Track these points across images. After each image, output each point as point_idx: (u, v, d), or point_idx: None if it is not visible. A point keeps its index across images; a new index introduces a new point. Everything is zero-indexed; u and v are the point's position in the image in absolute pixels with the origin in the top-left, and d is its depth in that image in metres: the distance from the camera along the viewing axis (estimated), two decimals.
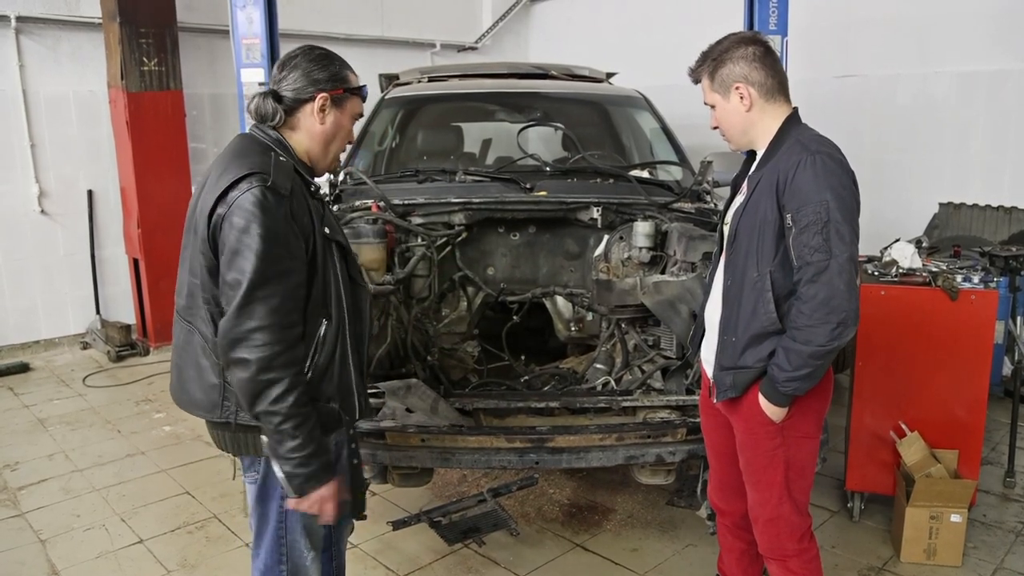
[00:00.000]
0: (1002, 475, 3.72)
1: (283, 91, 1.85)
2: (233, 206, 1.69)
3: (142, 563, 3.16)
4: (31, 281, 5.88)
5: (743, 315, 2.07)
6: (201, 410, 1.88)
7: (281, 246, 1.70)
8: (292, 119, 1.87)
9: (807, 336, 1.91)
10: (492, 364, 3.43)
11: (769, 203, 1.99)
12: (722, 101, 2.09)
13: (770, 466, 2.14)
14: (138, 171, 5.70)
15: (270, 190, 1.70)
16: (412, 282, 3.22)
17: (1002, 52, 5.22)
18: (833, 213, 1.88)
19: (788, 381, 1.97)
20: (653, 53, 7.03)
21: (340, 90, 1.88)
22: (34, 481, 3.87)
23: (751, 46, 2.05)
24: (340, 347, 1.86)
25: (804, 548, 2.21)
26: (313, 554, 1.98)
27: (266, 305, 1.68)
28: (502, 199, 3.30)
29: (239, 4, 5.01)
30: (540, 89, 4.53)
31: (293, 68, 1.86)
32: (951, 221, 5.19)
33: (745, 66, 2.03)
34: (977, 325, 3.07)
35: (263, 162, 1.75)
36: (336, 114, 1.89)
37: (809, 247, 1.89)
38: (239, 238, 1.68)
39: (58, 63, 5.79)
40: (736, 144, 2.19)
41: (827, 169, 1.92)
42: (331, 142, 1.92)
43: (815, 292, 1.89)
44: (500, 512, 3.12)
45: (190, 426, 4.50)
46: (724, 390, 2.15)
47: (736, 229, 2.10)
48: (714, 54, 2.08)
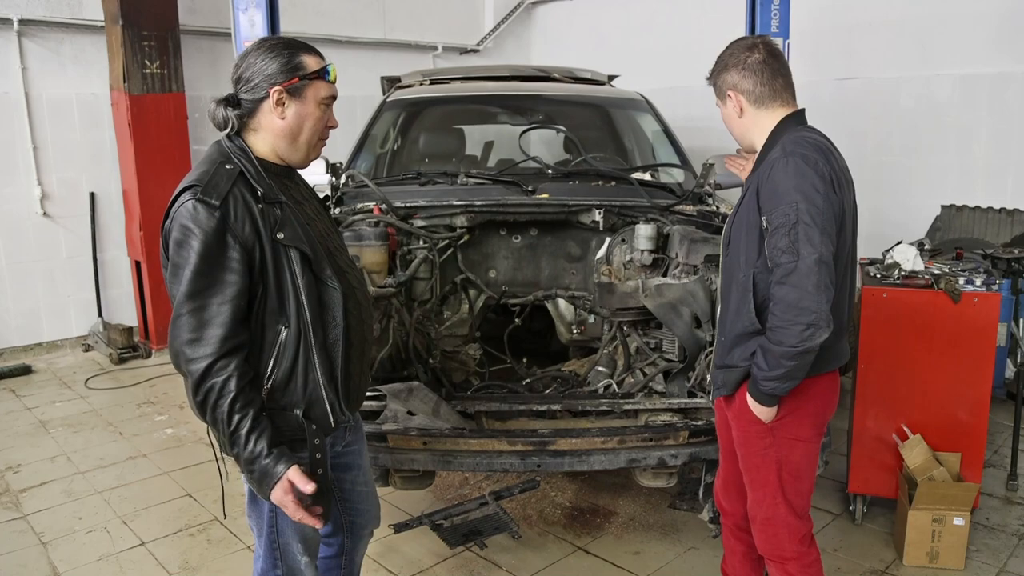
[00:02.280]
0: (1005, 478, 3.72)
1: (240, 94, 1.78)
2: (172, 220, 1.69)
3: (144, 566, 3.16)
4: (33, 283, 5.89)
5: (731, 315, 2.13)
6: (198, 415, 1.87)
7: (213, 258, 1.66)
8: (253, 120, 1.80)
9: (779, 337, 1.93)
10: (494, 367, 3.43)
11: (752, 206, 2.04)
12: (721, 106, 2.19)
13: (763, 466, 2.16)
14: (140, 174, 5.72)
15: (199, 202, 1.66)
16: (414, 285, 3.22)
17: (1004, 55, 5.22)
18: (802, 215, 1.89)
19: (766, 380, 2.00)
20: (655, 56, 7.04)
21: (295, 79, 1.77)
22: (36, 483, 3.88)
23: (748, 53, 2.08)
24: (304, 354, 1.79)
25: (803, 552, 2.20)
26: (307, 559, 1.96)
27: (196, 317, 1.66)
28: (504, 202, 3.30)
29: (241, 7, 5.03)
30: (542, 92, 4.54)
31: (246, 68, 1.78)
32: (953, 223, 5.19)
33: (736, 74, 2.09)
34: (979, 328, 3.07)
35: (204, 173, 1.72)
36: (297, 105, 1.78)
37: (778, 248, 1.92)
38: (175, 251, 1.68)
39: (61, 66, 5.80)
40: (743, 146, 2.25)
41: (798, 171, 1.93)
42: (298, 134, 1.82)
43: (784, 294, 1.91)
44: (502, 515, 3.12)
45: (192, 428, 4.50)
46: (717, 387, 2.23)
47: (730, 231, 2.17)
48: (719, 59, 2.15)
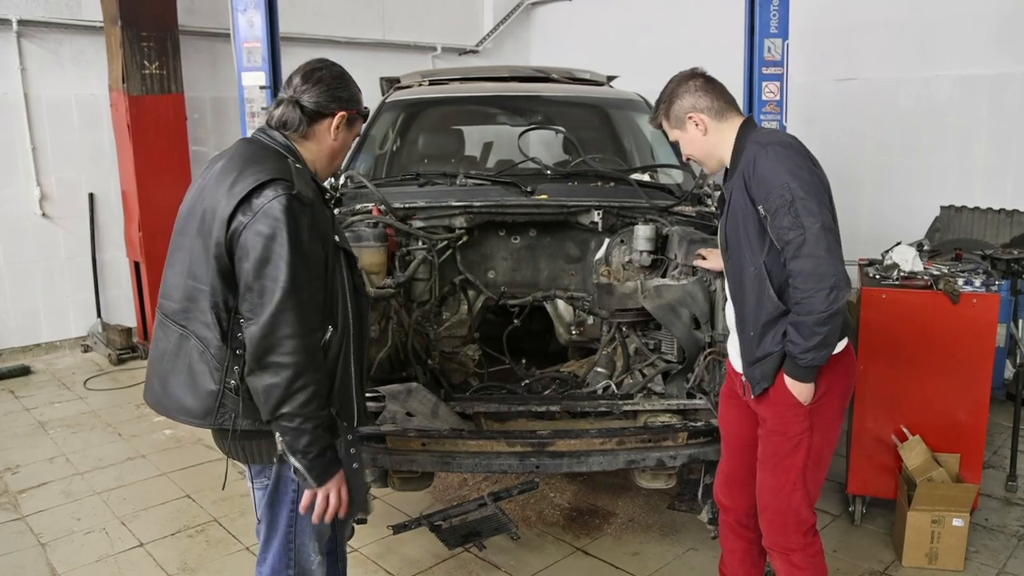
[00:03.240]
0: (1004, 479, 3.72)
1: (304, 102, 1.88)
2: (259, 213, 1.71)
3: (142, 567, 3.16)
4: (32, 284, 5.89)
5: (751, 309, 2.18)
6: (191, 416, 1.86)
7: (306, 254, 1.74)
8: (310, 130, 1.92)
9: (807, 307, 2.02)
10: (493, 368, 3.42)
11: (743, 202, 2.15)
12: (682, 134, 2.29)
13: (793, 452, 2.22)
14: (139, 174, 5.71)
15: (295, 198, 1.73)
16: (413, 286, 3.22)
17: (1004, 55, 5.22)
18: (796, 192, 2.02)
19: (804, 353, 2.06)
20: (654, 56, 7.02)
21: (355, 111, 1.96)
22: (35, 484, 3.87)
23: (692, 80, 2.26)
24: (343, 354, 1.88)
25: (808, 542, 2.27)
26: (320, 557, 2.01)
27: (297, 312, 1.72)
28: (503, 202, 3.30)
29: (240, 8, 5.02)
30: (541, 92, 4.53)
31: (318, 81, 1.90)
32: (953, 224, 5.19)
33: (691, 98, 2.24)
34: (979, 328, 3.07)
35: (283, 168, 1.78)
36: (345, 133, 1.97)
37: (783, 227, 2.04)
38: (267, 246, 1.70)
39: (60, 66, 5.80)
40: (710, 168, 2.36)
41: (780, 155, 2.08)
42: (336, 157, 2.00)
43: (801, 266, 2.02)
44: (501, 516, 3.11)
45: (191, 430, 4.49)
46: (757, 383, 2.22)
47: (726, 236, 2.27)
48: (663, 97, 2.29)
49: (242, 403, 1.80)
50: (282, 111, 1.88)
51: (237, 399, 1.81)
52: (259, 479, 1.94)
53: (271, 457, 1.86)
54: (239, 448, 1.89)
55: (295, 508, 1.91)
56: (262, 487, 1.93)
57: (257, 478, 1.95)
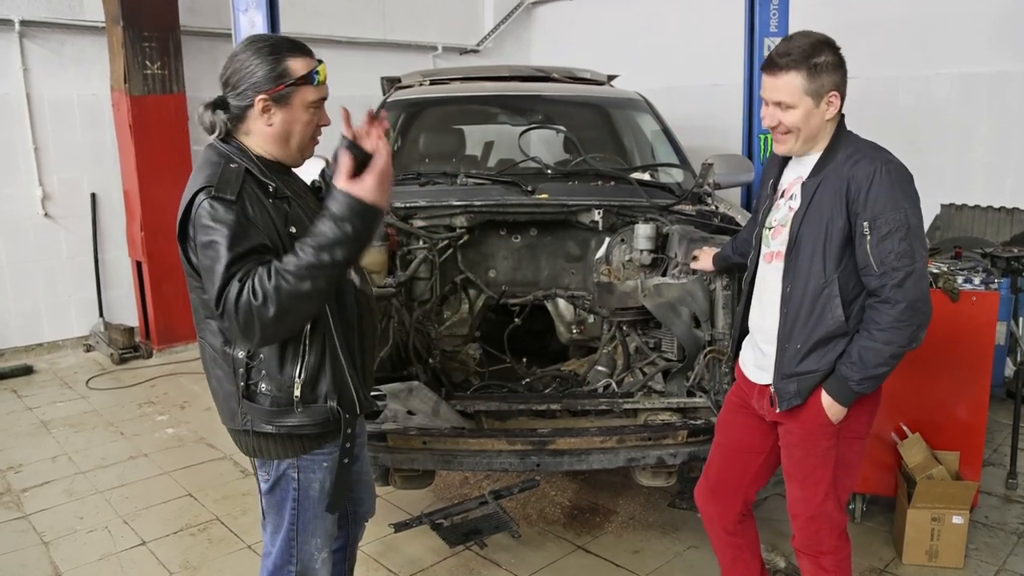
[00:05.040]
0: (1004, 476, 3.72)
1: (228, 98, 1.78)
2: (196, 226, 1.69)
3: (145, 565, 3.17)
4: (34, 284, 5.89)
5: (807, 321, 2.06)
6: (225, 418, 1.91)
7: (245, 238, 1.65)
8: (244, 125, 1.80)
9: (890, 337, 1.96)
10: (494, 366, 3.43)
11: (837, 210, 2.00)
12: (811, 105, 2.04)
13: (821, 464, 2.17)
14: (141, 174, 5.72)
15: (215, 199, 1.66)
16: (414, 285, 3.23)
17: (1003, 54, 5.22)
18: (912, 220, 1.96)
19: (863, 380, 2.01)
20: (654, 55, 7.04)
21: (280, 87, 1.74)
22: (37, 483, 3.89)
23: (838, 53, 2.07)
24: (328, 344, 1.84)
25: (839, 546, 2.25)
26: (323, 554, 2.00)
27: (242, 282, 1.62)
28: (504, 202, 3.31)
29: (241, 8, 5.03)
30: (542, 92, 4.54)
31: (232, 72, 1.76)
32: (953, 222, 5.19)
33: (840, 76, 2.06)
34: (978, 326, 3.07)
35: (212, 174, 1.72)
36: (283, 112, 1.77)
37: (895, 253, 1.94)
38: (205, 254, 1.67)
39: (62, 67, 5.81)
40: (794, 150, 2.13)
41: (902, 178, 1.99)
42: (288, 139, 1.81)
43: (903, 296, 1.94)
44: (502, 514, 3.12)
45: (193, 428, 4.51)
46: (788, 398, 2.12)
47: (797, 236, 2.07)
48: (819, 56, 2.02)
49: (255, 405, 1.82)
50: (199, 117, 1.78)
51: (250, 403, 1.83)
52: (262, 473, 1.95)
53: (275, 453, 1.88)
54: (248, 444, 1.90)
55: (296, 505, 1.92)
56: (266, 481, 1.95)
57: (262, 471, 1.95)
